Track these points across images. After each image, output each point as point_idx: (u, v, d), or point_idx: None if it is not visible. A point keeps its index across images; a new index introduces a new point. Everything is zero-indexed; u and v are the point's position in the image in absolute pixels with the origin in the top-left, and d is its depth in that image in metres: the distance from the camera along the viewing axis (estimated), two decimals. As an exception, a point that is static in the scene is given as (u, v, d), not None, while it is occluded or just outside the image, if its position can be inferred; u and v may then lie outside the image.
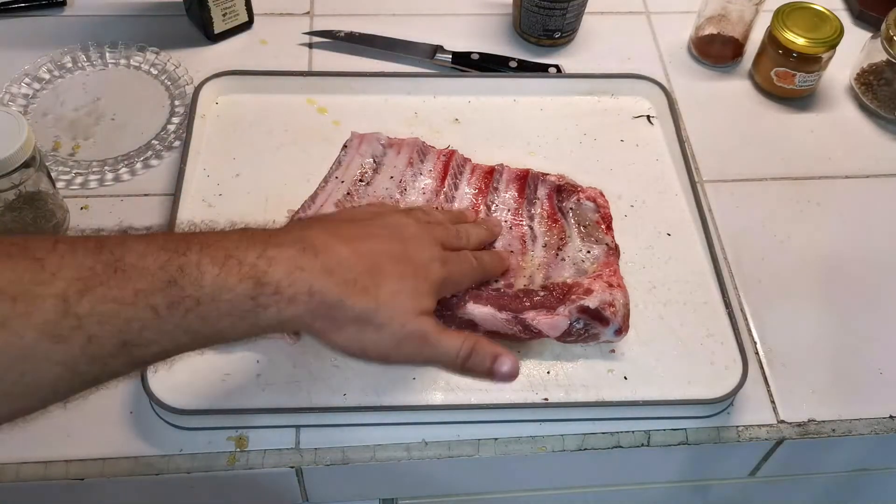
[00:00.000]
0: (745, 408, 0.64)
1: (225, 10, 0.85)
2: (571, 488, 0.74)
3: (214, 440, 0.60)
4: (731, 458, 0.67)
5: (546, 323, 0.61)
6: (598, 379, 0.63)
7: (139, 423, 0.60)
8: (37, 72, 0.82)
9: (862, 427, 0.64)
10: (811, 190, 0.79)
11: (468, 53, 0.86)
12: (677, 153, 0.77)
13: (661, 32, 0.93)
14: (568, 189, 0.69)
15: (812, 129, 0.84)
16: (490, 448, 0.61)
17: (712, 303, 0.67)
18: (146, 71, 0.83)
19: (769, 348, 0.68)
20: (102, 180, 0.74)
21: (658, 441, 0.63)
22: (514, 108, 0.81)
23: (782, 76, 0.84)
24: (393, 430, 0.61)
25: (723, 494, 0.78)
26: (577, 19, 0.89)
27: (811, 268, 0.73)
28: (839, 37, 0.82)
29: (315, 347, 0.63)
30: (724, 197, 0.77)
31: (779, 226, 0.76)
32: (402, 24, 0.90)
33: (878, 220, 0.77)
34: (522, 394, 0.62)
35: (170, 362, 0.44)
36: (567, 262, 0.65)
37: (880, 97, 0.85)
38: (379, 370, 0.62)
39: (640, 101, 0.83)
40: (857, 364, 0.67)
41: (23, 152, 0.61)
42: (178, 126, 0.78)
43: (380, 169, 0.70)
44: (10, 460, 0.58)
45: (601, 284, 0.62)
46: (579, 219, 0.67)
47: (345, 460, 0.60)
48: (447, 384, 0.62)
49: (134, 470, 0.59)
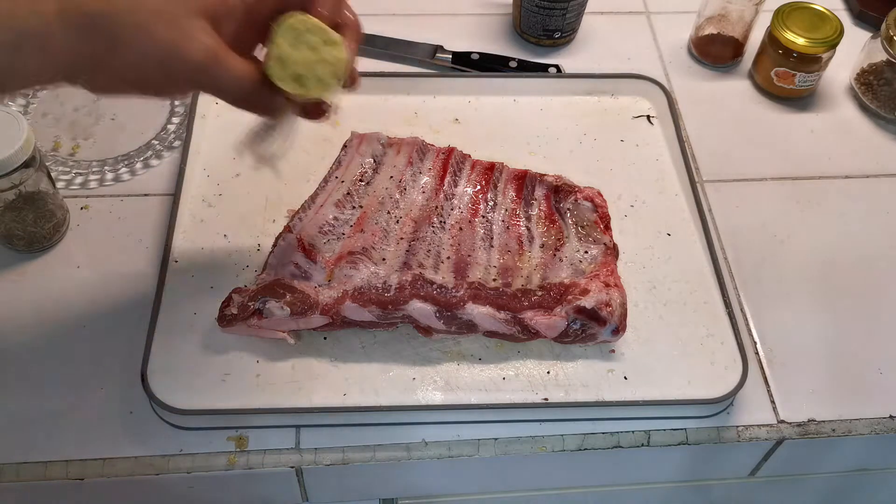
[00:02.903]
0: (745, 408, 0.64)
1: (225, 10, 0.85)
2: (571, 488, 0.74)
3: (214, 440, 0.60)
4: (731, 458, 0.67)
5: (543, 323, 0.61)
6: (598, 379, 0.63)
7: (139, 423, 0.60)
8: (37, 72, 0.81)
9: (862, 427, 0.64)
10: (811, 190, 0.79)
11: (468, 53, 0.86)
12: (677, 153, 0.77)
13: (661, 32, 0.93)
14: (565, 189, 0.69)
15: (812, 129, 0.84)
16: (490, 448, 0.61)
17: (712, 303, 0.67)
18: (146, 71, 0.83)
19: (769, 348, 0.68)
20: (102, 180, 0.74)
21: (658, 441, 0.63)
22: (514, 108, 0.81)
23: (782, 76, 0.84)
24: (393, 430, 0.61)
25: (723, 494, 0.78)
26: (577, 19, 0.89)
27: (811, 268, 0.73)
28: (839, 37, 0.82)
29: (315, 347, 0.63)
30: (724, 197, 0.77)
31: (779, 226, 0.76)
32: (402, 24, 0.90)
33: (878, 220, 0.77)
34: (522, 394, 0.62)
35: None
36: (564, 263, 0.65)
37: (880, 97, 0.85)
38: (379, 370, 0.62)
39: (640, 101, 0.83)
40: (857, 364, 0.67)
41: (23, 152, 0.61)
42: (178, 126, 0.78)
43: (380, 168, 0.70)
44: (10, 460, 0.58)
45: (598, 284, 0.62)
46: (577, 219, 0.67)
47: (345, 460, 0.60)
48: (447, 384, 0.62)
49: (134, 470, 0.59)
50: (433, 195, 0.68)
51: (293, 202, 0.69)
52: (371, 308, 0.61)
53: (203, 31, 0.45)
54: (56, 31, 0.42)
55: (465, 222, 0.67)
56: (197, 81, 0.46)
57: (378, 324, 0.62)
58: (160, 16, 0.43)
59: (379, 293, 0.61)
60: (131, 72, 0.44)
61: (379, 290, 0.61)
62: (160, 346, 0.61)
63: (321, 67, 0.49)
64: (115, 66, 0.44)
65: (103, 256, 0.69)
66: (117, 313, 0.65)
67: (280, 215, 0.69)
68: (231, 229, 0.70)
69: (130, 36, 0.43)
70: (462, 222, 0.67)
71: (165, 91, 0.47)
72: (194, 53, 0.44)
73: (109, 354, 0.63)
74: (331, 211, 0.66)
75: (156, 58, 0.44)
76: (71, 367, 0.62)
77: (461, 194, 0.69)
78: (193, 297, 0.65)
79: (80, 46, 0.43)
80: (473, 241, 0.66)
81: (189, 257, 0.67)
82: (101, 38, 0.43)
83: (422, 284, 0.61)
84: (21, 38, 0.41)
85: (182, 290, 0.65)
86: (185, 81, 0.46)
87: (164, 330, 0.62)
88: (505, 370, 0.63)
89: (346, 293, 0.61)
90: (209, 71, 0.45)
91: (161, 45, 0.43)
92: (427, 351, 0.63)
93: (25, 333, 0.64)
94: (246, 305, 0.60)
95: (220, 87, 0.47)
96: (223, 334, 0.62)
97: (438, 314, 0.61)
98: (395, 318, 0.62)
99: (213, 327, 0.62)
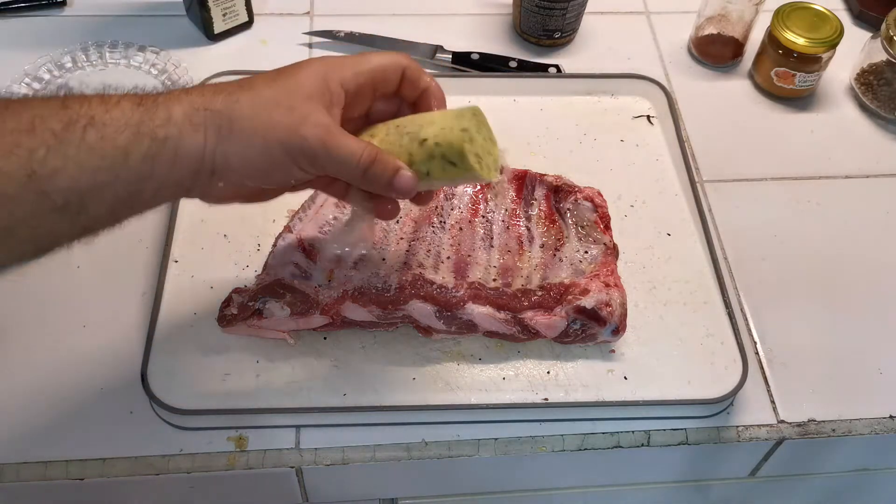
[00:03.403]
0: (745, 408, 0.64)
1: (225, 9, 0.85)
2: (571, 488, 0.74)
3: (214, 440, 0.60)
4: (731, 458, 0.67)
5: (543, 323, 0.61)
6: (598, 379, 0.63)
7: (139, 423, 0.60)
8: (37, 72, 0.82)
9: (862, 427, 0.64)
10: (811, 190, 0.79)
11: (468, 53, 0.86)
12: (677, 153, 0.77)
13: (661, 32, 0.93)
14: (565, 189, 0.69)
15: (812, 129, 0.84)
16: (490, 448, 0.61)
17: (712, 303, 0.67)
18: (146, 71, 0.83)
19: (769, 348, 0.68)
20: (102, 180, 0.74)
21: (658, 441, 0.63)
22: (514, 108, 0.81)
23: (782, 76, 0.84)
24: (393, 430, 0.61)
25: (723, 494, 0.78)
26: (577, 19, 0.89)
27: (811, 268, 0.73)
28: (839, 37, 0.82)
29: (315, 347, 0.63)
30: (723, 197, 0.77)
31: (779, 226, 0.76)
32: (402, 24, 0.90)
33: (878, 220, 0.77)
34: (522, 394, 0.62)
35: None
36: (564, 263, 0.65)
37: (880, 97, 0.85)
38: (379, 370, 0.62)
39: (640, 101, 0.83)
40: (857, 364, 0.67)
41: (23, 152, 0.61)
42: (178, 126, 0.78)
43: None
44: (10, 460, 0.58)
45: (598, 284, 0.62)
46: (577, 219, 0.67)
47: (345, 460, 0.60)
48: (447, 384, 0.62)
49: (134, 470, 0.59)
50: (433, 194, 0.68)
51: (293, 202, 0.68)
52: (371, 308, 0.61)
53: (318, 111, 0.48)
54: (186, 134, 0.46)
55: (465, 222, 0.67)
56: (315, 157, 0.48)
57: (378, 324, 0.62)
58: (278, 102, 0.48)
59: (379, 293, 0.61)
60: (255, 159, 0.48)
61: (379, 290, 0.61)
62: (160, 345, 0.61)
63: (493, 153, 0.53)
64: (239, 156, 0.47)
65: (103, 256, 0.69)
66: (117, 313, 0.65)
67: (280, 215, 0.69)
68: (231, 229, 0.69)
69: (252, 123, 0.47)
70: (462, 222, 0.67)
71: (287, 176, 0.50)
72: (312, 129, 0.48)
73: (109, 354, 0.63)
74: (331, 211, 0.66)
75: (276, 139, 0.47)
76: (71, 367, 0.62)
77: (461, 194, 0.69)
78: (193, 297, 0.65)
79: (207, 141, 0.46)
80: (473, 241, 0.66)
81: (189, 257, 0.67)
82: (226, 130, 0.47)
83: (422, 284, 0.61)
84: (157, 146, 0.45)
85: (182, 290, 0.65)
86: (304, 159, 0.48)
87: (164, 330, 0.62)
88: (505, 370, 0.63)
89: (346, 293, 0.61)
90: (327, 144, 0.48)
91: (281, 126, 0.47)
92: (427, 351, 0.63)
93: (26, 333, 0.64)
94: (246, 305, 0.60)
95: (339, 160, 0.49)
96: (223, 334, 0.62)
97: (438, 314, 0.61)
98: (395, 318, 0.62)
99: (213, 327, 0.62)
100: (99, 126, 0.43)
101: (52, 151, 0.42)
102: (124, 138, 0.44)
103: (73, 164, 0.43)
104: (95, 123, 0.43)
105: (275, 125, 0.47)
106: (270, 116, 0.47)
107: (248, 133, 0.47)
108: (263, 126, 0.47)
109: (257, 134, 0.47)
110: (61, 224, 0.44)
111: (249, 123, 0.47)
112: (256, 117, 0.47)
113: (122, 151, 0.44)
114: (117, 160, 0.44)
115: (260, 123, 0.47)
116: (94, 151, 0.43)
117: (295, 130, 0.48)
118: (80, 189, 0.43)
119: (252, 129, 0.47)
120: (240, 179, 0.49)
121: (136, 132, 0.44)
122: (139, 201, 0.46)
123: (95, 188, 0.44)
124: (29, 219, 0.42)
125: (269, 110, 0.47)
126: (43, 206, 0.42)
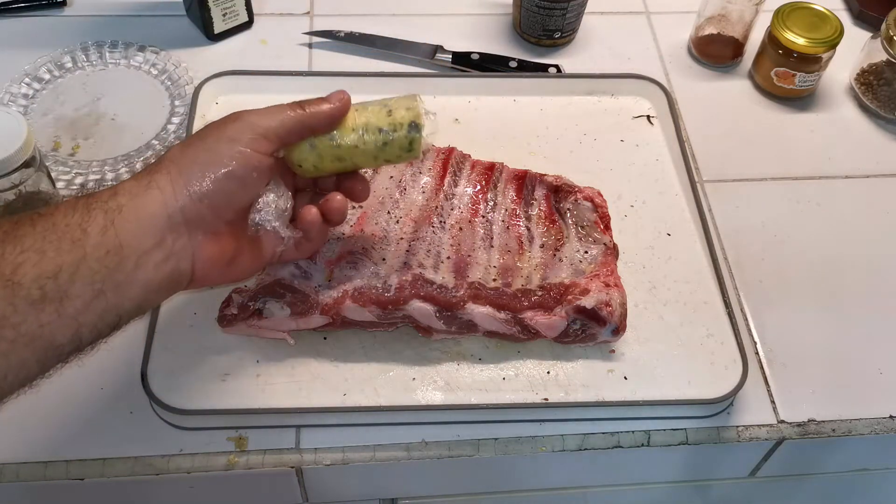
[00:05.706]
0: (745, 408, 0.64)
1: (225, 9, 0.85)
2: (571, 488, 0.74)
3: (214, 440, 0.60)
4: (731, 458, 0.67)
5: (543, 323, 0.61)
6: (598, 379, 0.63)
7: (139, 423, 0.60)
8: (37, 72, 0.82)
9: (862, 427, 0.64)
10: (811, 190, 0.79)
11: (468, 53, 0.86)
12: (677, 153, 0.77)
13: (661, 32, 0.93)
14: (565, 189, 0.69)
15: (812, 129, 0.84)
16: (490, 448, 0.61)
17: (712, 303, 0.67)
18: (146, 71, 0.83)
19: (769, 348, 0.68)
20: (102, 180, 0.74)
21: (658, 441, 0.63)
22: (514, 108, 0.81)
23: (782, 76, 0.84)
24: (393, 430, 0.61)
25: (723, 494, 0.78)
26: (577, 19, 0.89)
27: (811, 268, 0.73)
28: (839, 37, 0.82)
29: (315, 347, 0.63)
30: (723, 197, 0.77)
31: (779, 226, 0.76)
32: (402, 24, 0.90)
33: (878, 220, 0.77)
34: (522, 394, 0.62)
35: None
36: (564, 263, 0.65)
37: (880, 97, 0.85)
38: (379, 370, 0.62)
39: (640, 101, 0.83)
40: (857, 364, 0.67)
41: (23, 152, 0.61)
42: (178, 126, 0.78)
43: (379, 168, 0.70)
44: (10, 460, 0.58)
45: (598, 284, 0.62)
46: (577, 219, 0.67)
47: (345, 460, 0.60)
48: (447, 384, 0.62)
49: (134, 470, 0.59)
50: (433, 195, 0.68)
51: (293, 202, 0.69)
52: (371, 308, 0.61)
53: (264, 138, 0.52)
54: (140, 194, 0.48)
55: (465, 222, 0.67)
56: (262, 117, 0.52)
57: (378, 324, 0.62)
58: (234, 140, 0.50)
59: (379, 293, 0.61)
60: (216, 158, 0.50)
61: (379, 290, 0.61)
62: (160, 345, 0.61)
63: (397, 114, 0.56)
64: (200, 165, 0.49)
65: (103, 256, 0.68)
66: (117, 313, 0.65)
67: (280, 215, 0.69)
68: (231, 229, 0.69)
69: (195, 144, 0.50)
70: (462, 222, 0.67)
71: (254, 165, 0.51)
72: (249, 115, 0.52)
73: (109, 354, 0.63)
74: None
75: (227, 136, 0.50)
76: (71, 367, 0.62)
77: (461, 194, 0.69)
78: (193, 297, 0.65)
79: (164, 190, 0.48)
80: (473, 241, 0.66)
81: (189, 257, 0.67)
82: (175, 172, 0.49)
83: (422, 284, 0.61)
84: (112, 214, 0.46)
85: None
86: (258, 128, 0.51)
87: (164, 330, 0.62)
88: (505, 370, 0.63)
89: (346, 293, 0.61)
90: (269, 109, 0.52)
91: (225, 130, 0.51)
92: (427, 351, 0.63)
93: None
94: (246, 305, 0.60)
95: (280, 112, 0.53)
96: (223, 334, 0.62)
97: (438, 314, 0.61)
98: (395, 318, 0.62)
99: (213, 327, 0.62)
100: (46, 216, 0.45)
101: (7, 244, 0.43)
102: (77, 217, 0.45)
103: (32, 252, 0.43)
104: (41, 215, 0.45)
105: (234, 149, 0.50)
106: (208, 133, 0.51)
107: (195, 149, 0.50)
108: (209, 137, 0.50)
109: (210, 138, 0.50)
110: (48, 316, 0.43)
111: (192, 148, 0.50)
112: (197, 141, 0.50)
113: (77, 228, 0.45)
114: (76, 237, 0.44)
115: (201, 139, 0.50)
116: (48, 235, 0.44)
117: (240, 121, 0.51)
118: (49, 273, 0.43)
119: (199, 140, 0.50)
120: (214, 198, 0.49)
121: (85, 209, 0.46)
122: (128, 282, 0.46)
123: (65, 269, 0.44)
124: (10, 316, 0.42)
125: (204, 133, 0.51)
126: (18, 298, 0.42)
